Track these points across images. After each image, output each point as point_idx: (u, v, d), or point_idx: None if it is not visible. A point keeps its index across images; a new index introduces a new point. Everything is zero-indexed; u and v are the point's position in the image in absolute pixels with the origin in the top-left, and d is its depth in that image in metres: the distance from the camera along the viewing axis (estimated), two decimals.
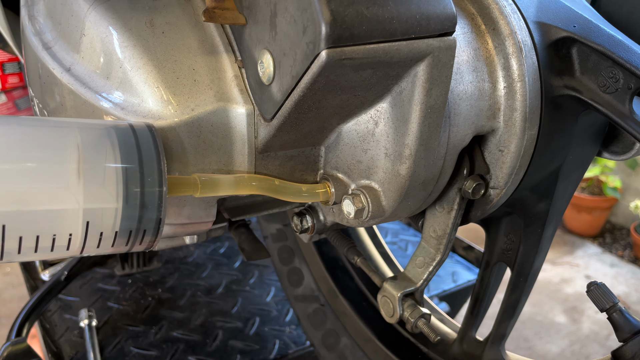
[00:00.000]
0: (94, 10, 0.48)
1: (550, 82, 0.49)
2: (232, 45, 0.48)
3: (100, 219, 0.38)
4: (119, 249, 0.42)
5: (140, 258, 1.31)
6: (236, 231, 0.70)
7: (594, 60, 0.47)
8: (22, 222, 0.36)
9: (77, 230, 0.38)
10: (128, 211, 0.39)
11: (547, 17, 0.49)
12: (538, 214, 0.58)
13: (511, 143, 0.50)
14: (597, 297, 0.54)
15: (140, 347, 1.05)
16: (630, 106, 0.45)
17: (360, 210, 0.49)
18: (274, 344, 1.08)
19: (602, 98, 0.47)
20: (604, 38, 0.47)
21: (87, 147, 0.38)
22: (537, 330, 2.05)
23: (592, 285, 0.54)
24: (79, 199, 0.37)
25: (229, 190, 0.46)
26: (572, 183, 0.58)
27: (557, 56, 0.49)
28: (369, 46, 0.37)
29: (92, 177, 0.38)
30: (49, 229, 0.37)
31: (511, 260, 0.61)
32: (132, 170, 0.39)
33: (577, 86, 0.48)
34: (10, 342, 0.93)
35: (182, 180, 0.43)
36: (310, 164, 0.52)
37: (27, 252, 0.38)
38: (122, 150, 0.39)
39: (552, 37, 0.49)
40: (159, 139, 0.41)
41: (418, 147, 0.44)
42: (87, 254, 0.41)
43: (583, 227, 2.80)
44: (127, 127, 0.41)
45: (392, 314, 0.61)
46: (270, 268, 1.34)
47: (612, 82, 0.46)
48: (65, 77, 0.49)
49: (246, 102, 0.47)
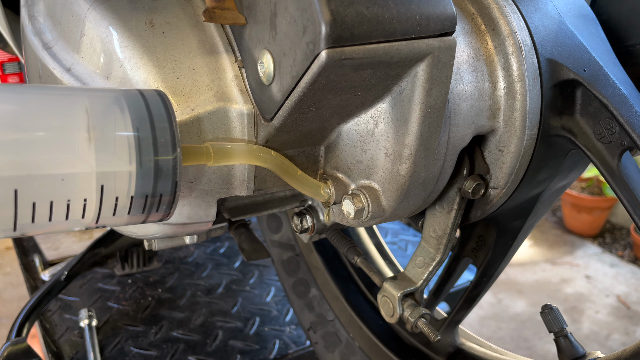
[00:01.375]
0: (94, 10, 0.48)
1: (549, 122, 0.50)
2: (232, 45, 0.48)
3: (115, 183, 0.37)
4: (135, 219, 0.40)
5: (140, 258, 1.31)
6: (236, 231, 0.70)
7: (595, 106, 0.47)
8: (35, 187, 0.35)
9: (91, 195, 0.37)
10: (143, 174, 0.38)
11: (560, 55, 0.49)
12: (512, 229, 0.61)
13: (511, 143, 0.50)
14: (549, 320, 0.58)
15: (140, 347, 1.05)
16: (619, 161, 0.47)
17: (360, 210, 0.49)
18: (274, 344, 1.08)
19: (594, 146, 0.48)
20: (610, 90, 0.47)
21: (97, 113, 0.37)
22: (537, 330, 2.05)
23: (546, 308, 0.58)
24: (91, 163, 0.36)
25: (241, 159, 0.45)
26: (549, 204, 0.61)
27: (561, 95, 0.50)
28: (369, 46, 0.37)
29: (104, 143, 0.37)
30: (62, 194, 0.36)
31: (478, 260, 0.65)
32: (144, 133, 0.38)
33: (573, 128, 0.49)
34: (11, 342, 0.93)
35: (195, 149, 0.42)
36: (310, 163, 0.52)
37: (41, 221, 0.36)
38: (133, 115, 0.38)
39: (561, 77, 0.49)
40: (169, 103, 0.40)
41: (418, 147, 0.44)
42: (103, 224, 0.39)
43: (583, 227, 2.80)
44: (136, 92, 0.40)
45: (392, 314, 0.61)
46: (271, 268, 1.34)
47: (608, 133, 0.47)
48: (65, 77, 0.49)
49: (246, 102, 0.47)
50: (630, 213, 0.47)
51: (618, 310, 2.19)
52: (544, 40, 0.49)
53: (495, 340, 1.98)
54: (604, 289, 2.34)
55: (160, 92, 0.41)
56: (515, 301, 2.24)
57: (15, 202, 0.34)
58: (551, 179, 0.56)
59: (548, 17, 0.50)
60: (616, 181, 0.47)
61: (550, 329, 0.58)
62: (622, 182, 0.46)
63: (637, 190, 0.46)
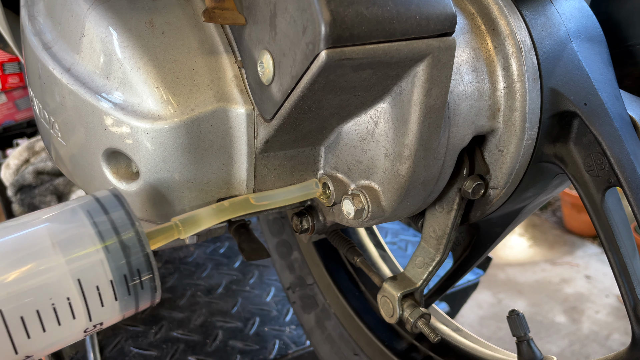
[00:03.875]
0: (94, 10, 0.48)
1: (542, 150, 0.51)
2: (232, 46, 0.48)
3: (90, 273, 0.39)
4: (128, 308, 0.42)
5: None
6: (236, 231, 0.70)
7: (589, 139, 0.49)
8: (16, 302, 0.36)
9: (72, 292, 0.38)
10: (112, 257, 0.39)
11: (564, 85, 0.49)
12: (492, 234, 0.65)
13: (511, 143, 0.50)
14: (515, 325, 0.61)
15: (140, 347, 1.05)
16: (602, 196, 0.48)
17: (360, 210, 0.49)
18: (274, 344, 1.08)
19: (582, 177, 0.49)
20: (606, 127, 0.48)
21: (56, 227, 0.39)
22: (537, 330, 2.05)
23: (513, 313, 0.61)
24: (60, 261, 0.38)
25: (211, 222, 0.46)
26: (529, 213, 0.64)
27: (558, 125, 0.51)
28: (368, 46, 0.37)
29: (67, 243, 0.39)
30: (44, 299, 0.37)
31: (456, 254, 0.69)
32: (101, 221, 0.40)
33: (565, 156, 0.50)
34: None
35: (165, 228, 0.44)
36: (310, 164, 0.52)
37: (36, 336, 0.38)
38: (85, 212, 0.40)
39: (561, 108, 0.50)
40: (120, 195, 0.42)
41: (418, 147, 0.44)
42: (97, 321, 0.41)
43: (583, 227, 2.80)
44: (88, 196, 0.42)
45: (391, 314, 0.61)
46: (271, 268, 1.34)
47: (597, 167, 0.48)
48: (65, 77, 0.49)
49: (246, 103, 0.47)
50: (605, 248, 0.49)
51: (618, 311, 2.19)
52: (550, 68, 0.49)
53: (495, 340, 1.98)
54: (604, 289, 2.34)
55: (109, 190, 0.43)
56: (515, 301, 2.24)
57: (4, 322, 0.36)
58: (536, 196, 0.59)
59: (558, 42, 0.50)
60: (597, 215, 0.49)
61: (514, 333, 0.61)
62: (603, 217, 0.49)
63: (615, 227, 0.49)
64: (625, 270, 0.48)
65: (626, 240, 0.49)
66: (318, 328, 0.94)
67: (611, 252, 0.49)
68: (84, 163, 0.52)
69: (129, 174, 0.51)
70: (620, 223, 0.49)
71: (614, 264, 0.49)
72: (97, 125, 0.48)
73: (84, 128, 0.49)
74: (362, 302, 0.88)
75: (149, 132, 0.45)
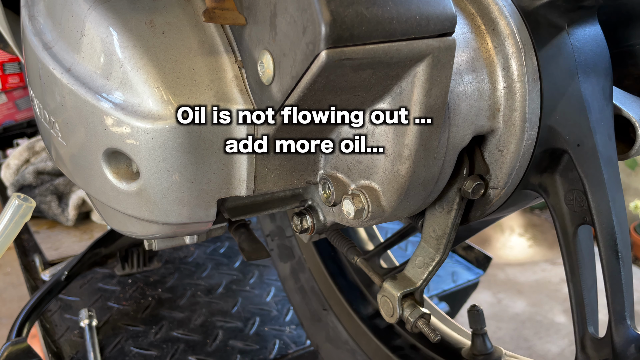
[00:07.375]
0: (94, 10, 0.48)
1: (529, 179, 0.53)
2: (232, 46, 0.48)
3: None
4: None
5: (141, 258, 1.32)
6: (236, 231, 0.70)
7: (575, 176, 0.50)
8: None
9: None
10: None
11: (561, 123, 0.50)
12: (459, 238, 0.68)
13: (511, 143, 0.50)
14: (474, 318, 0.68)
15: (141, 347, 1.05)
16: (575, 230, 0.51)
17: (360, 210, 0.49)
18: (274, 344, 1.08)
19: (560, 208, 0.52)
20: (592, 171, 0.49)
21: None
22: (537, 330, 2.05)
23: (474, 308, 0.68)
24: None
25: None
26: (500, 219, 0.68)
27: (548, 158, 0.52)
28: (368, 46, 0.37)
29: None
30: None
31: None
32: None
33: (549, 186, 0.53)
34: (11, 342, 0.93)
35: None
36: (310, 164, 0.52)
37: None
38: None
39: (555, 145, 0.51)
40: None
41: (417, 147, 0.44)
42: None
43: None
44: None
45: (391, 314, 0.61)
46: (271, 268, 1.34)
47: (577, 203, 0.51)
48: (65, 77, 0.49)
49: (246, 103, 0.47)
50: (568, 279, 0.52)
51: None
52: (550, 108, 0.50)
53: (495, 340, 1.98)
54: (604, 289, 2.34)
55: None
56: (515, 301, 2.24)
57: None
58: (512, 212, 0.62)
59: (564, 78, 0.49)
60: (567, 246, 0.52)
61: (472, 326, 0.67)
62: (572, 249, 0.52)
63: (581, 260, 0.52)
64: (581, 302, 0.52)
65: (588, 273, 0.52)
66: (292, 278, 0.99)
67: (572, 283, 0.52)
68: (84, 163, 0.52)
69: (129, 174, 0.51)
70: (586, 257, 0.52)
71: (572, 294, 0.52)
72: (97, 126, 0.48)
73: (84, 128, 0.49)
74: (336, 262, 0.93)
75: (149, 132, 0.45)
